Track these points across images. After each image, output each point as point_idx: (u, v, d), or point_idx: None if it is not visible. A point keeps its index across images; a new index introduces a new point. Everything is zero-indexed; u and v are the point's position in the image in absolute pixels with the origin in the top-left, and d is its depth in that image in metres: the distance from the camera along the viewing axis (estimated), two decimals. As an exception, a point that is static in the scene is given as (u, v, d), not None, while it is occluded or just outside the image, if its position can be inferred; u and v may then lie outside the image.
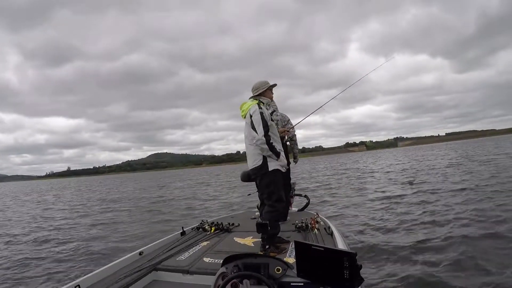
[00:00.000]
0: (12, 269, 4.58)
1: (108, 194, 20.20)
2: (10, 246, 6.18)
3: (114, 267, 2.40)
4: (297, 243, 1.49)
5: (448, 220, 5.00)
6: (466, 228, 4.47)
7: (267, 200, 2.80)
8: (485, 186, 7.83)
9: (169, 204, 11.62)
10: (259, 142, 2.69)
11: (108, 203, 13.91)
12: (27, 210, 13.61)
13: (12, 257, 5.24)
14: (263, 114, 2.75)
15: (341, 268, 1.30)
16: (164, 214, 9.15)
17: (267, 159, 2.75)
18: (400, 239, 4.34)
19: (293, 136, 3.86)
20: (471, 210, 5.49)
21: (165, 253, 2.69)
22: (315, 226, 3.07)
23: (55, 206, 14.77)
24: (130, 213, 9.94)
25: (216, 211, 8.65)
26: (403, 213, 5.92)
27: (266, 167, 2.74)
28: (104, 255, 4.94)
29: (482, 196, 6.67)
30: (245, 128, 2.90)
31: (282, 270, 1.57)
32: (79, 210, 12.05)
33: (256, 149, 2.75)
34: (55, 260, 4.91)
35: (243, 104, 2.96)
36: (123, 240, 5.97)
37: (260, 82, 3.05)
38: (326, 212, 6.52)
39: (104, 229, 7.34)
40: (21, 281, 4.09)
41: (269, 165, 2.75)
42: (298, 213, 4.16)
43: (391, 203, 7.19)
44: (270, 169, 2.74)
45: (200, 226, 3.58)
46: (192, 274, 2.26)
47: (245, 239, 3.02)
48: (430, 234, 4.38)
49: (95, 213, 10.64)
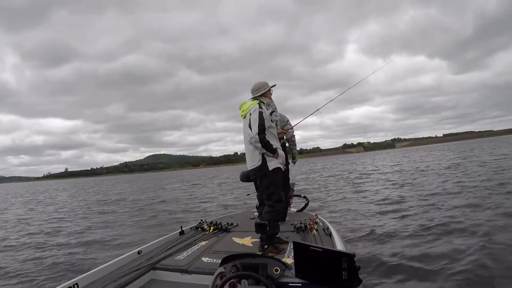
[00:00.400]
0: (11, 269, 4.57)
1: (106, 195, 20.16)
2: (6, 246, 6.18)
3: (112, 265, 2.40)
4: (295, 244, 1.50)
5: (446, 222, 5.00)
6: (467, 230, 4.46)
7: (267, 200, 2.79)
8: (483, 187, 7.83)
9: (166, 205, 11.61)
10: (253, 139, 2.69)
11: (107, 204, 13.90)
12: (25, 212, 13.58)
13: (10, 257, 5.24)
14: (262, 113, 2.75)
15: (340, 269, 1.31)
16: (160, 214, 9.14)
17: (266, 159, 2.74)
18: (399, 241, 4.35)
19: (292, 137, 3.85)
20: (470, 211, 5.51)
21: (164, 252, 2.69)
22: (313, 227, 3.07)
23: (51, 207, 14.76)
24: (128, 214, 9.94)
25: (214, 211, 8.65)
26: (401, 215, 5.92)
27: (266, 167, 2.73)
28: (102, 255, 4.93)
29: (482, 196, 6.65)
30: (244, 128, 2.90)
31: (281, 270, 1.57)
32: (76, 210, 12.04)
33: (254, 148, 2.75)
34: (55, 259, 4.90)
35: (243, 104, 2.95)
36: (121, 240, 5.97)
37: (260, 82, 3.05)
38: (325, 213, 6.53)
39: (101, 229, 7.34)
40: (20, 281, 4.07)
41: (269, 165, 2.74)
42: (297, 214, 4.16)
43: (390, 205, 7.20)
44: (270, 168, 2.73)
45: (199, 226, 3.58)
46: (190, 273, 2.26)
47: (243, 239, 3.02)
48: (429, 236, 4.39)
49: (91, 213, 10.64)
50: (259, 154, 2.75)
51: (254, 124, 2.71)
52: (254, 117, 2.73)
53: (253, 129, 2.70)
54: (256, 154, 2.77)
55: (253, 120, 2.73)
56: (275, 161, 2.76)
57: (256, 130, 2.68)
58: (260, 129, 2.68)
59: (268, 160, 2.74)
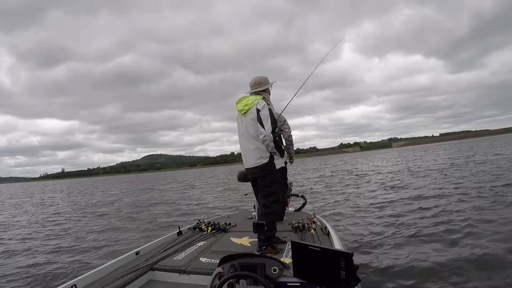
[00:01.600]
0: (10, 268, 4.54)
1: (103, 196, 20.03)
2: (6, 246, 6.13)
3: (110, 266, 2.39)
4: (293, 243, 1.50)
5: (445, 221, 5.03)
6: (467, 232, 4.38)
7: (264, 199, 2.71)
8: (485, 188, 7.67)
9: (165, 206, 11.58)
10: (266, 137, 2.58)
11: (105, 205, 13.83)
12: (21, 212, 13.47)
13: (7, 257, 5.20)
14: (272, 111, 2.68)
15: (338, 268, 1.31)
16: (159, 215, 9.12)
17: (273, 157, 2.68)
18: (397, 241, 4.35)
19: (289, 136, 3.83)
20: (471, 212, 5.43)
21: (162, 253, 2.69)
22: (311, 226, 3.08)
23: (52, 207, 14.66)
24: (125, 214, 9.90)
25: (212, 212, 8.63)
26: (399, 216, 5.92)
27: (273, 165, 2.67)
28: (100, 255, 4.91)
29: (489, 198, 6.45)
30: (246, 123, 2.73)
31: (279, 270, 1.58)
32: (75, 211, 11.98)
33: (261, 145, 2.65)
34: (54, 259, 4.87)
35: (243, 98, 2.80)
36: (119, 241, 5.95)
37: (261, 77, 2.89)
38: (323, 213, 6.54)
39: (100, 229, 7.31)
40: (19, 280, 4.05)
41: (276, 163, 2.68)
42: (295, 213, 4.16)
43: (389, 205, 7.19)
44: (277, 167, 2.68)
45: (197, 226, 3.58)
46: (188, 274, 2.26)
47: (241, 239, 3.02)
48: (429, 237, 4.36)
49: (89, 215, 10.59)
50: (266, 151, 2.66)
51: (266, 122, 2.60)
52: (265, 114, 2.61)
53: (267, 127, 2.59)
54: (263, 151, 2.67)
55: (265, 117, 2.61)
56: (281, 160, 2.74)
57: (270, 128, 2.59)
58: (274, 127, 2.63)
59: (275, 158, 2.69)
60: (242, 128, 2.78)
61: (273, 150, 2.66)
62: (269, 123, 2.60)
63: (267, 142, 2.60)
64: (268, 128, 2.59)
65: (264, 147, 2.65)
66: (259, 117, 2.62)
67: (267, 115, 2.62)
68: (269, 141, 2.59)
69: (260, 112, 2.62)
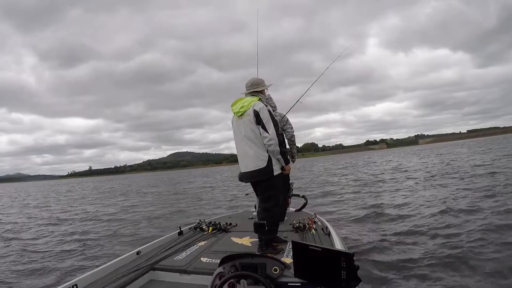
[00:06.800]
0: (8, 268, 4.55)
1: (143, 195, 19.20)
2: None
3: (111, 266, 2.40)
4: (294, 243, 1.50)
5: (445, 223, 4.98)
6: (472, 234, 4.22)
7: (264, 202, 2.67)
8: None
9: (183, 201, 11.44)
10: (272, 142, 2.49)
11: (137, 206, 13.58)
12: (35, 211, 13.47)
13: (7, 255, 5.21)
14: (271, 112, 2.61)
15: (338, 268, 1.31)
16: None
17: (272, 161, 2.58)
18: (399, 241, 4.33)
19: (292, 136, 3.81)
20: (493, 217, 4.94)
21: (163, 252, 2.69)
22: (312, 227, 3.07)
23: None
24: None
25: (212, 211, 8.61)
26: (402, 217, 5.84)
27: (271, 170, 2.57)
28: (101, 254, 4.92)
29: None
30: (243, 126, 2.62)
31: (280, 270, 1.58)
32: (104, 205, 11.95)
33: (261, 149, 2.56)
34: (53, 259, 4.89)
35: (241, 100, 2.69)
36: (123, 239, 5.95)
37: (258, 78, 2.84)
38: (324, 213, 6.51)
39: (112, 226, 7.31)
40: (18, 280, 4.06)
41: (274, 168, 2.59)
42: (296, 213, 4.16)
43: (391, 206, 7.12)
44: (275, 173, 2.59)
45: (198, 226, 3.58)
46: (189, 273, 2.26)
47: (242, 239, 3.02)
48: (431, 238, 4.32)
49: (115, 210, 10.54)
50: (265, 155, 2.56)
51: (269, 125, 2.51)
52: (265, 117, 2.52)
53: (270, 131, 2.51)
54: (262, 154, 2.56)
55: (266, 119, 2.52)
56: (278, 165, 2.65)
57: (274, 132, 2.52)
58: (277, 131, 2.56)
59: (273, 162, 2.60)
60: (239, 132, 2.68)
61: (278, 156, 2.58)
62: (272, 126, 2.53)
63: (272, 146, 2.51)
64: (272, 132, 2.52)
65: (263, 151, 2.56)
66: (258, 120, 2.54)
67: (268, 117, 2.53)
68: (274, 145, 2.52)
69: (260, 115, 2.53)
